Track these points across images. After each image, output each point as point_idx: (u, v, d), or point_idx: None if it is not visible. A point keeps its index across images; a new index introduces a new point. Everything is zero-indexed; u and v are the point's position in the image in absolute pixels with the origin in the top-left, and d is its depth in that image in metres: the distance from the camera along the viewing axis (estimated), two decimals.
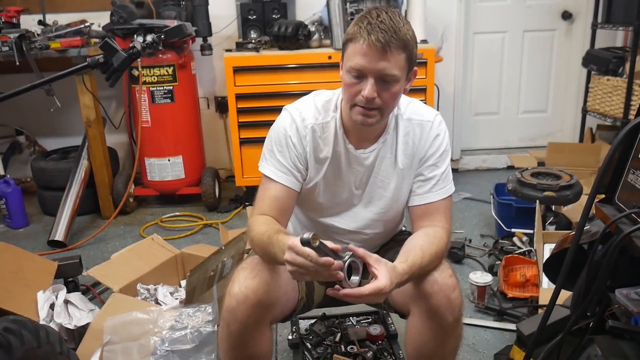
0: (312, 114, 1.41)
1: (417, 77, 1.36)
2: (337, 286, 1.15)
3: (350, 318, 2.03)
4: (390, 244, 1.62)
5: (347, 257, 1.15)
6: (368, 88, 1.25)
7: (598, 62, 3.38)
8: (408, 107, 1.44)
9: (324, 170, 1.44)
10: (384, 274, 1.16)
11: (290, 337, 1.92)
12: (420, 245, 1.31)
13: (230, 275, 1.44)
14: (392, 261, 1.24)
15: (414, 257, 1.26)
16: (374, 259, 1.18)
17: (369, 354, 1.79)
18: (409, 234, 1.48)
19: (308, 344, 1.88)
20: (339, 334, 1.90)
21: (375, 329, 1.88)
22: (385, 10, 1.25)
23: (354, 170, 1.44)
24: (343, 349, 1.84)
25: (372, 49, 1.22)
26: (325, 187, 1.46)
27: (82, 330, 1.95)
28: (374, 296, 1.14)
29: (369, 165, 1.43)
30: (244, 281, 1.31)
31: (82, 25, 3.30)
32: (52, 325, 1.93)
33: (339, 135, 1.41)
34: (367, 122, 1.31)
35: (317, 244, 1.08)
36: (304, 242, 1.08)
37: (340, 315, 2.02)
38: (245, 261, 1.39)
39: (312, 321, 1.99)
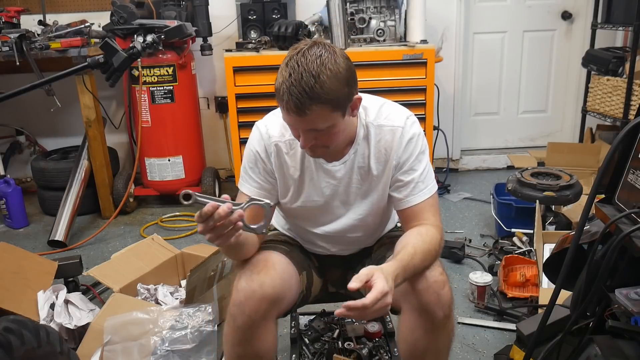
0: (278, 131, 1.42)
1: (417, 77, 1.36)
2: (343, 304, 1.13)
3: None
4: (383, 239, 1.61)
5: (245, 204, 1.17)
6: (301, 142, 1.26)
7: (598, 62, 3.38)
8: (379, 112, 1.41)
9: (294, 186, 1.44)
10: (378, 277, 1.14)
11: (291, 332, 1.93)
12: (412, 243, 1.31)
13: (233, 272, 1.45)
14: (386, 256, 1.23)
15: (404, 254, 1.26)
16: (364, 274, 1.15)
17: (364, 351, 1.80)
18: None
19: (306, 339, 1.89)
20: (337, 330, 1.91)
21: (373, 327, 1.88)
22: (304, 52, 1.19)
23: (327, 183, 1.44)
24: (340, 345, 1.85)
25: (290, 113, 1.21)
26: (300, 200, 1.46)
27: (82, 330, 1.96)
28: (380, 303, 1.12)
29: (342, 176, 1.43)
30: (251, 275, 1.34)
31: (82, 26, 3.30)
32: (52, 325, 1.94)
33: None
34: (317, 157, 1.33)
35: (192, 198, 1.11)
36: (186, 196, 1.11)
37: None
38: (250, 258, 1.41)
39: (312, 317, 2.00)
